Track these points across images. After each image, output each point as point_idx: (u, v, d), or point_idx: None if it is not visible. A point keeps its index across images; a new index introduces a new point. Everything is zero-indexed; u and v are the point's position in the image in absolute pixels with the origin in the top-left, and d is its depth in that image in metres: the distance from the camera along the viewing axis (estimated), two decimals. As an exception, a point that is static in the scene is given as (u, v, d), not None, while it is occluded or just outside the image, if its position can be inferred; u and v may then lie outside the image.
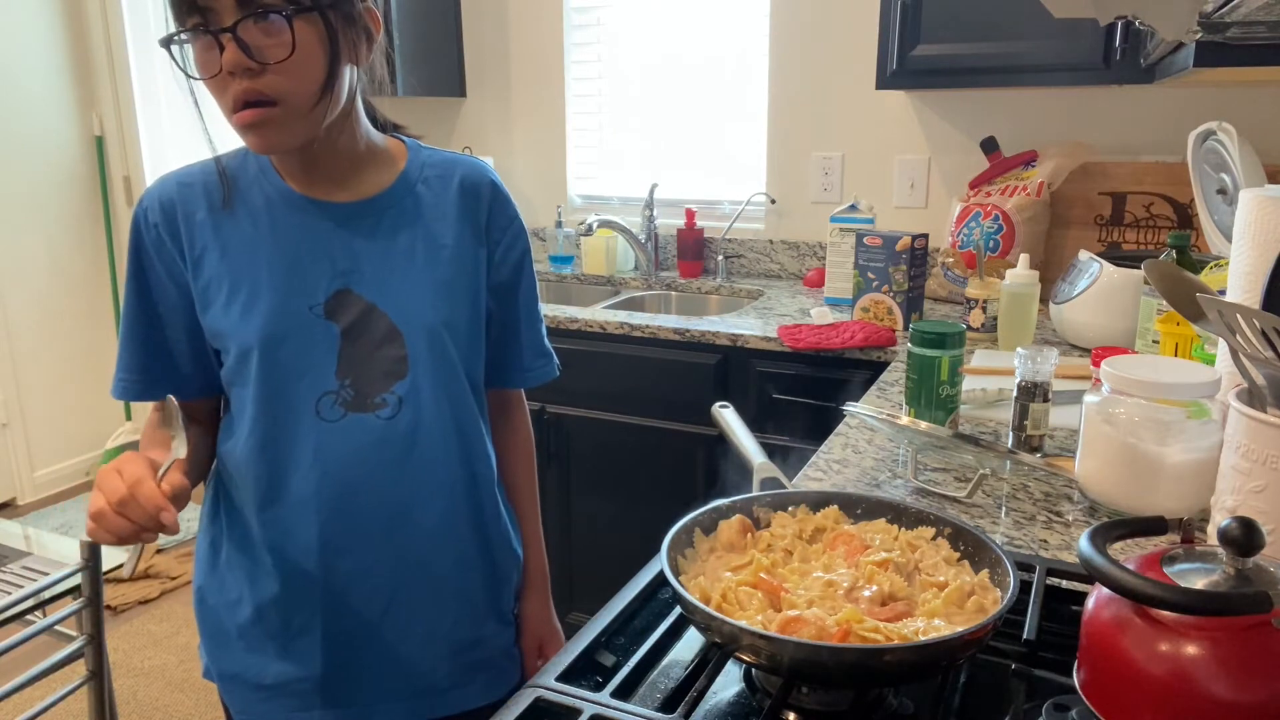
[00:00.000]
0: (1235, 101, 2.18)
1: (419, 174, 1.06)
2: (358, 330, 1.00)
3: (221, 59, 0.87)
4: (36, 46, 3.59)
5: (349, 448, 1.01)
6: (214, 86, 0.91)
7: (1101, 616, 0.65)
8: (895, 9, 2.13)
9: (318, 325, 0.99)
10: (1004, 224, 2.23)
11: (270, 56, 0.88)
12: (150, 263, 1.02)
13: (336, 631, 1.05)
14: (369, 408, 1.01)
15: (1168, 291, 1.03)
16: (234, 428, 1.04)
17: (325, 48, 0.91)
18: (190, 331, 1.03)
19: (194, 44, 0.90)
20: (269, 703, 1.07)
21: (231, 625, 1.07)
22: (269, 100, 0.90)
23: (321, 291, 1.00)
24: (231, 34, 0.87)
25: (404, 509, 1.05)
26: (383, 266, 1.02)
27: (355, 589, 1.05)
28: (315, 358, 0.99)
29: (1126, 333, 1.74)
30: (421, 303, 1.03)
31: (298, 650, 1.05)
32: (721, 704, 0.77)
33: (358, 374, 1.01)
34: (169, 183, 1.03)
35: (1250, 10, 0.98)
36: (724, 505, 0.91)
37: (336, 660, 1.06)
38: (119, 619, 2.86)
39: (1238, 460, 0.91)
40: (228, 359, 1.01)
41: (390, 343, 1.01)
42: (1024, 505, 1.16)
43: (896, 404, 1.59)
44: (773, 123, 2.69)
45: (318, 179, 1.02)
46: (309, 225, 1.01)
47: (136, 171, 3.84)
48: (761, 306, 2.38)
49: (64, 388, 3.81)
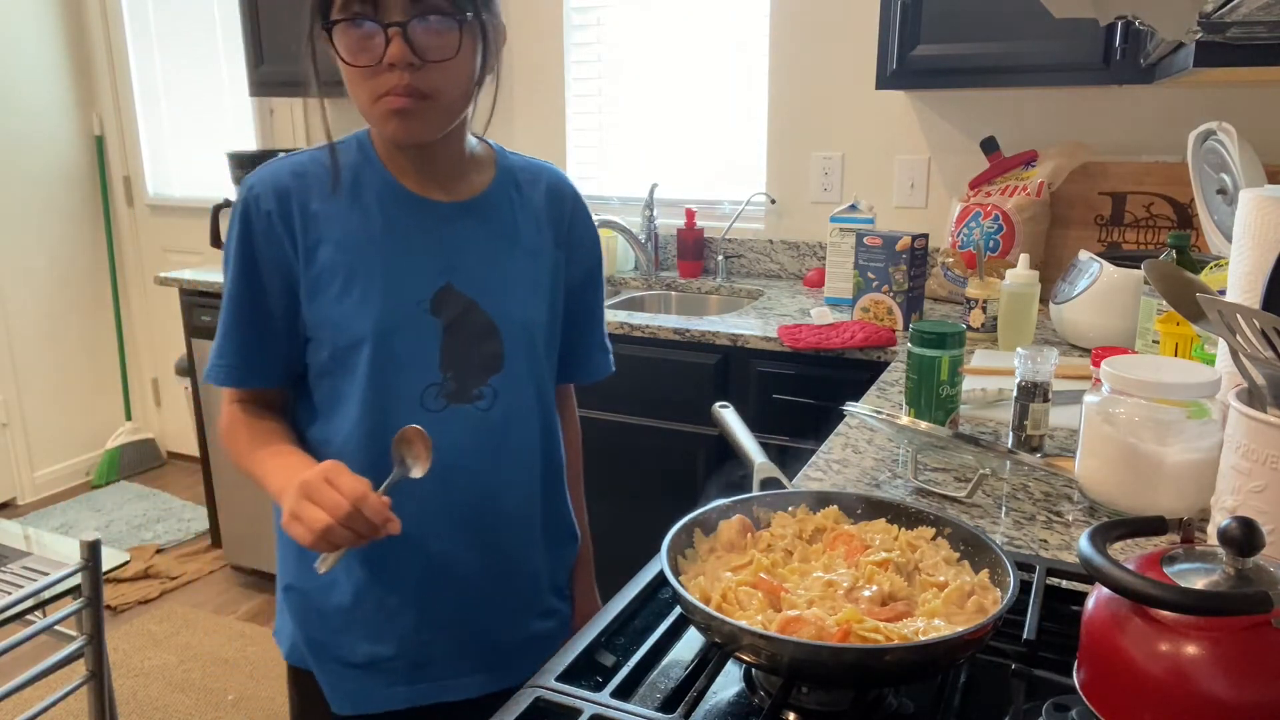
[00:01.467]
0: (1235, 101, 2.18)
1: (510, 177, 1.12)
2: (458, 325, 1.05)
3: (387, 50, 0.93)
4: (36, 46, 3.59)
5: (449, 437, 1.04)
6: (362, 74, 0.96)
7: (1101, 616, 0.65)
8: (895, 9, 2.13)
9: (424, 319, 1.04)
10: (1004, 224, 2.23)
11: (434, 55, 0.94)
12: (259, 249, 1.04)
13: (425, 611, 1.10)
14: (468, 399, 1.06)
15: (1168, 291, 1.03)
16: (332, 416, 1.07)
17: (478, 53, 0.99)
18: (288, 320, 1.06)
19: (351, 31, 0.94)
20: (358, 681, 1.11)
21: (325, 608, 1.11)
22: (423, 94, 0.95)
23: (427, 287, 1.04)
24: (402, 29, 0.92)
25: (492, 495, 1.10)
26: (481, 265, 1.07)
27: (445, 571, 1.09)
28: (421, 351, 1.04)
29: (1126, 333, 1.74)
30: (515, 300, 1.09)
31: (389, 631, 1.10)
32: (721, 704, 0.77)
33: (459, 367, 1.06)
34: (281, 170, 1.06)
35: (1250, 10, 0.98)
36: (724, 505, 0.91)
37: (422, 639, 1.11)
38: (119, 619, 2.86)
39: (1238, 460, 0.91)
40: (328, 349, 1.04)
41: (488, 338, 1.07)
42: (1024, 505, 1.16)
43: (896, 404, 1.59)
44: (773, 123, 2.69)
45: (429, 177, 1.07)
46: (418, 222, 1.05)
47: (136, 171, 3.84)
48: (761, 306, 2.38)
49: (64, 388, 3.81)
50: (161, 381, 4.04)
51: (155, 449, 4.07)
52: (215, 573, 3.14)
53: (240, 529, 2.98)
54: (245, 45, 2.94)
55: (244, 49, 2.95)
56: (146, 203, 3.86)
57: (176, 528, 3.43)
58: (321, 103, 1.04)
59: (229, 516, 2.99)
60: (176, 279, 2.87)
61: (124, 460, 3.92)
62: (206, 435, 2.95)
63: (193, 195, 3.71)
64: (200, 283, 2.80)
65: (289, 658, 1.17)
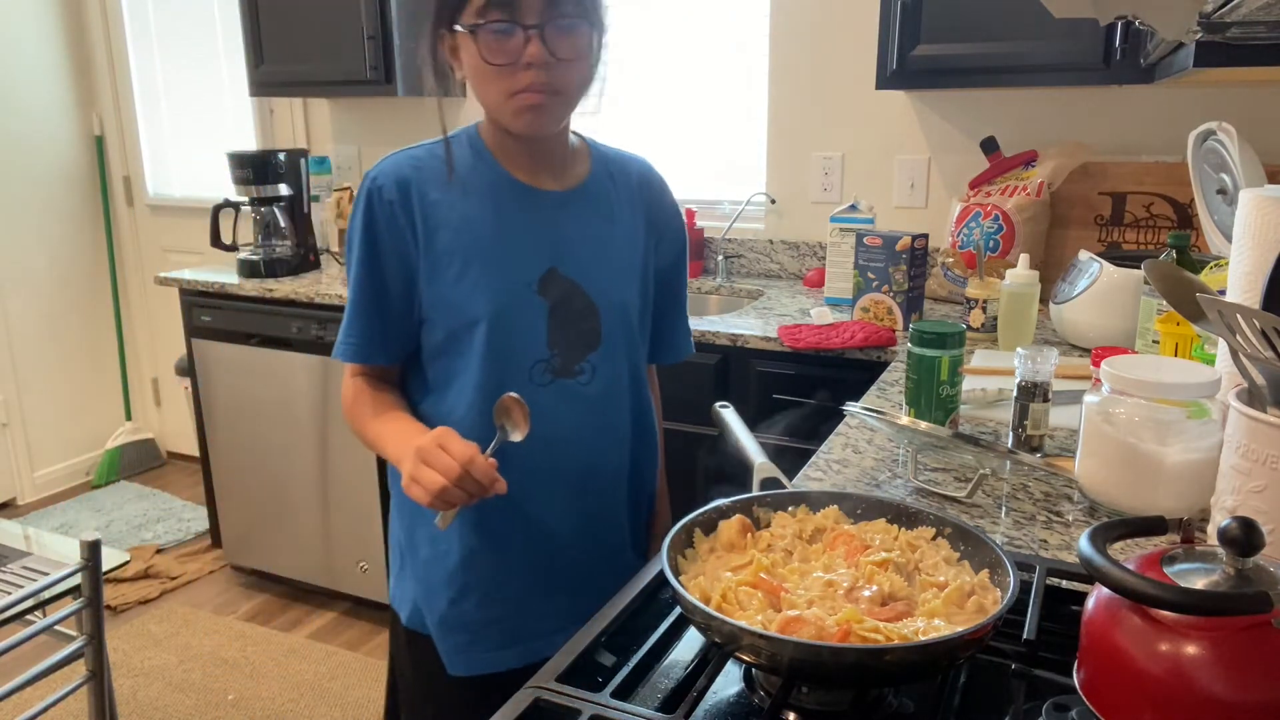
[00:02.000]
0: (1235, 101, 2.18)
1: (605, 167, 1.21)
2: (563, 305, 1.14)
3: (525, 50, 1.02)
4: (36, 46, 3.59)
5: (554, 409, 1.13)
6: (497, 72, 1.03)
7: (1101, 616, 0.65)
8: (895, 9, 2.13)
9: (533, 300, 1.13)
10: (1004, 224, 2.23)
11: (566, 54, 1.03)
12: (381, 236, 1.11)
13: (528, 574, 1.18)
14: (571, 374, 1.15)
15: (1168, 291, 1.03)
16: (446, 392, 1.15)
17: (596, 53, 1.09)
18: (407, 302, 1.14)
19: (492, 33, 1.02)
20: (471, 643, 1.18)
21: (441, 573, 1.18)
22: (555, 90, 1.05)
23: (535, 270, 1.13)
24: (540, 31, 1.01)
25: (591, 464, 1.19)
26: (583, 250, 1.16)
27: (546, 536, 1.18)
28: (530, 329, 1.13)
29: (1126, 333, 1.74)
30: (612, 283, 1.18)
31: (497, 593, 1.17)
32: (721, 704, 0.77)
33: (563, 344, 1.14)
34: (401, 163, 1.13)
35: (1250, 10, 0.98)
36: (724, 505, 0.91)
37: (529, 601, 1.19)
38: (119, 619, 2.86)
39: (1238, 460, 0.91)
40: (444, 330, 1.13)
41: (588, 317, 1.16)
42: (1024, 505, 1.16)
43: (896, 404, 1.59)
44: (773, 123, 2.69)
45: (540, 167, 1.15)
46: (527, 210, 1.14)
47: (136, 171, 3.84)
48: (761, 306, 2.38)
49: (64, 388, 3.81)
50: (161, 381, 4.04)
51: (155, 449, 4.07)
52: (215, 573, 3.14)
53: (240, 529, 2.98)
54: (245, 45, 2.94)
55: (244, 49, 2.95)
56: (146, 203, 3.86)
57: (176, 528, 3.43)
58: (439, 101, 1.13)
59: (229, 516, 2.99)
60: (176, 279, 2.87)
61: (124, 460, 3.92)
62: (206, 435, 2.95)
63: (193, 195, 3.71)
64: (200, 283, 2.80)
65: (408, 623, 1.23)
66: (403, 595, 1.24)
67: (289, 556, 2.90)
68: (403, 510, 1.23)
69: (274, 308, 2.68)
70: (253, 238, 2.90)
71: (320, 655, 2.65)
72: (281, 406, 2.75)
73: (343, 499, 2.73)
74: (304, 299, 2.61)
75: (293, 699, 2.46)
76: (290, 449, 2.78)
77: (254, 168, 2.77)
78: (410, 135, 3.63)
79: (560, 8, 1.02)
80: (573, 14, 1.03)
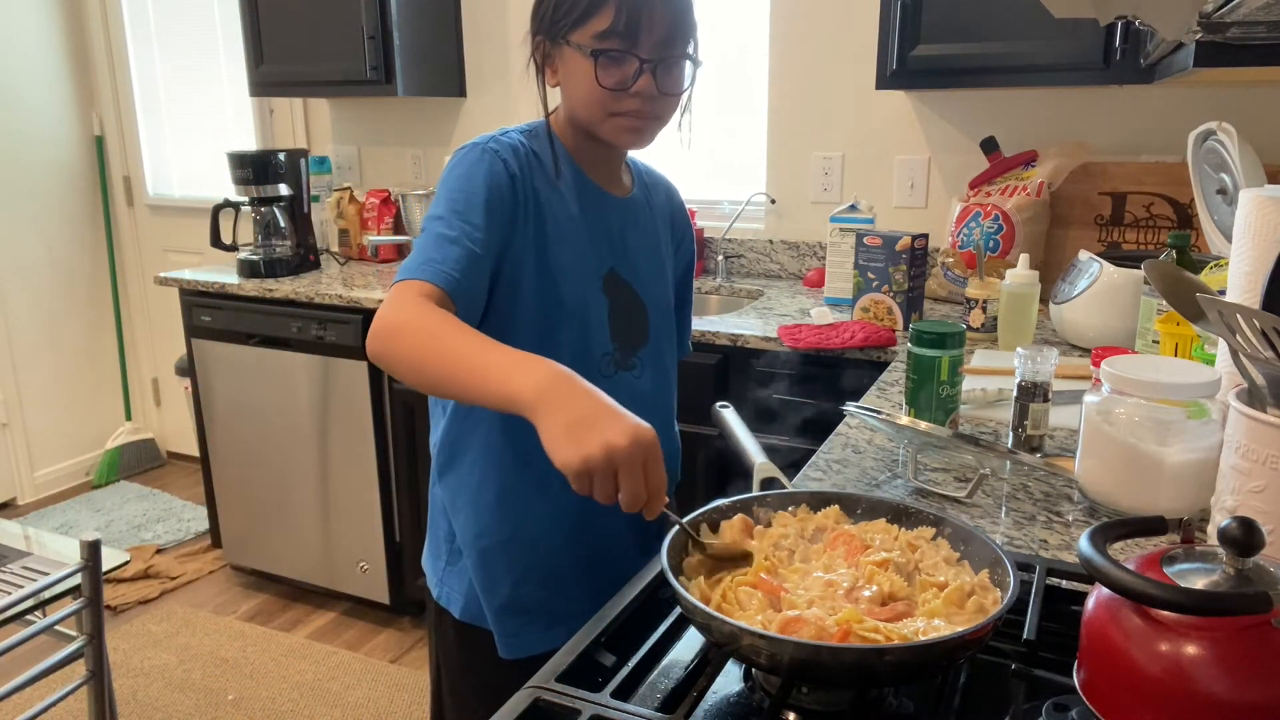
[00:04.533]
0: (1235, 101, 2.18)
1: (642, 180, 1.31)
2: (620, 304, 1.22)
3: (636, 81, 1.10)
4: (36, 46, 3.59)
5: (616, 399, 1.12)
6: (607, 95, 1.10)
7: (1101, 616, 0.65)
8: (895, 9, 2.13)
9: (599, 296, 1.20)
10: (1004, 224, 2.23)
11: (671, 89, 1.14)
12: (495, 191, 1.10)
13: (578, 555, 1.22)
14: (628, 367, 1.24)
15: (1168, 291, 1.03)
16: None
17: (691, 85, 1.19)
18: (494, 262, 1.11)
19: (607, 59, 1.09)
20: (526, 627, 1.21)
21: (503, 561, 1.20)
22: (655, 117, 1.15)
23: (601, 267, 1.20)
24: (652, 67, 1.10)
25: None
26: (636, 253, 1.25)
27: (601, 522, 1.20)
28: (598, 323, 1.19)
29: (1126, 333, 1.74)
30: (656, 285, 1.27)
31: (551, 575, 1.21)
32: (721, 704, 0.77)
33: (622, 339, 1.22)
34: (515, 141, 1.16)
35: (1250, 10, 0.98)
36: (724, 505, 0.91)
37: (575, 581, 1.22)
38: (119, 619, 2.86)
39: (1238, 460, 0.91)
40: (536, 310, 1.14)
41: (639, 316, 1.24)
42: (1024, 505, 1.16)
43: (896, 404, 1.59)
44: (773, 123, 2.69)
45: (609, 174, 1.24)
46: (601, 211, 1.21)
47: (136, 171, 3.84)
48: (761, 306, 2.38)
49: (64, 388, 3.81)
50: (161, 381, 4.04)
51: (155, 449, 4.07)
52: (215, 573, 3.14)
53: (240, 529, 2.98)
54: (245, 45, 2.94)
55: (244, 49, 2.95)
56: (146, 203, 3.86)
57: (176, 528, 3.43)
58: (543, 94, 1.17)
59: (229, 516, 2.99)
60: (176, 279, 2.87)
61: (124, 460, 3.92)
62: (206, 435, 2.95)
63: (193, 195, 3.71)
64: (200, 283, 2.80)
65: (462, 616, 1.24)
66: (453, 591, 1.25)
67: (289, 556, 2.90)
68: (458, 502, 1.21)
69: (274, 308, 2.68)
70: (253, 238, 2.90)
71: (320, 655, 2.65)
72: (281, 406, 2.75)
73: (343, 499, 2.73)
74: (304, 299, 2.61)
75: (293, 699, 2.46)
76: (290, 449, 2.78)
77: (254, 168, 2.77)
78: (410, 135, 3.61)
79: (674, 47, 1.11)
80: (682, 53, 1.13)
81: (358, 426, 2.64)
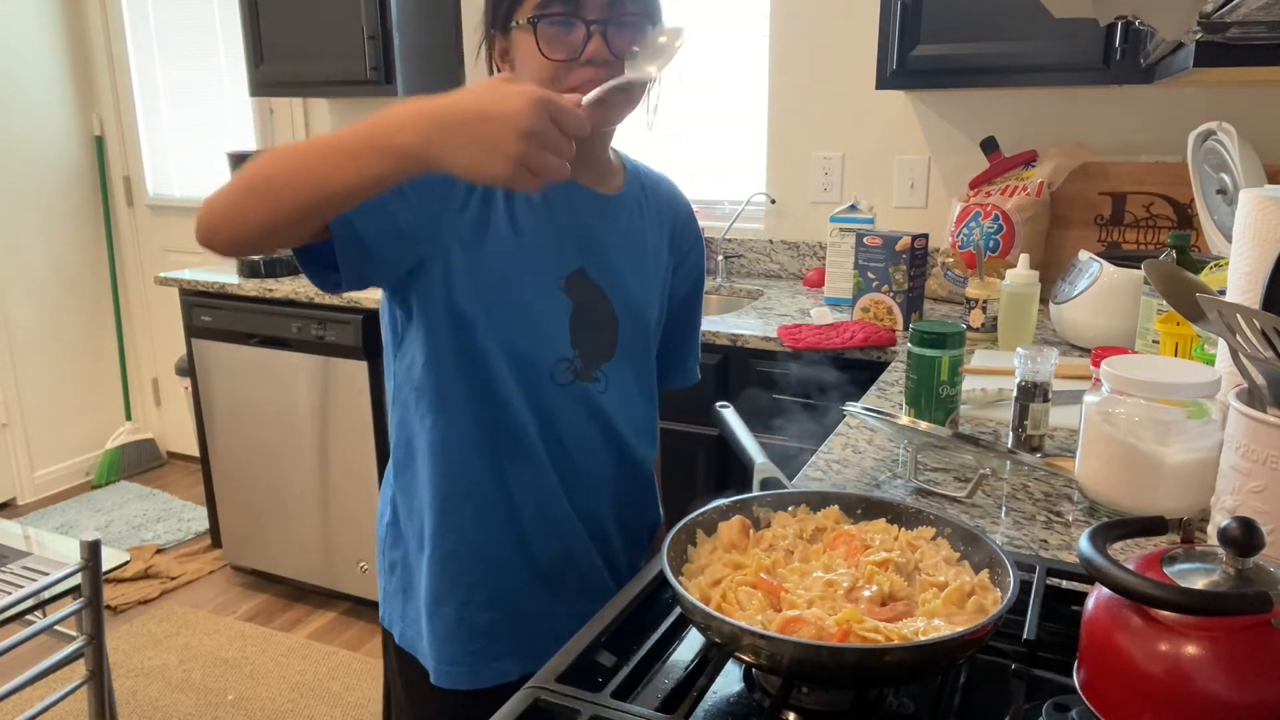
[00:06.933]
0: (1235, 101, 2.18)
1: (638, 181, 1.19)
2: (585, 309, 1.10)
3: (585, 47, 0.99)
4: (36, 46, 3.59)
5: (573, 411, 1.11)
6: (556, 68, 1.00)
7: (1101, 616, 0.65)
8: (895, 9, 2.13)
9: (558, 296, 1.09)
10: (1004, 224, 2.23)
11: (625, 53, 0.99)
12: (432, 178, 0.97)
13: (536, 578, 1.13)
14: (590, 379, 1.12)
15: (1168, 291, 1.03)
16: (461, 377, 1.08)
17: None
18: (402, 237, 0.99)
19: (554, 28, 0.99)
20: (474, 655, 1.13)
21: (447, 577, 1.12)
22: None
23: (565, 267, 1.09)
24: (602, 27, 0.99)
25: (596, 471, 1.15)
26: (614, 257, 1.13)
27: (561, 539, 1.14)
28: (554, 325, 1.09)
29: (1126, 333, 1.74)
30: (635, 295, 1.15)
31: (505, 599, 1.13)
32: (721, 704, 0.77)
33: (584, 347, 1.11)
34: None
35: (1250, 10, 0.98)
36: (724, 505, 0.91)
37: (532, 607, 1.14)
38: (119, 619, 2.86)
39: (1238, 460, 0.91)
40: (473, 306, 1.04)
41: (607, 326, 1.13)
42: (1024, 505, 1.16)
43: (896, 404, 1.59)
44: (773, 123, 2.68)
45: (585, 168, 1.10)
46: (572, 204, 1.10)
47: (136, 171, 3.84)
48: (761, 306, 2.38)
49: (64, 388, 3.81)
50: (161, 381, 4.04)
51: (155, 449, 4.06)
52: (215, 573, 3.14)
53: (240, 529, 2.98)
54: (245, 45, 2.94)
55: (244, 49, 2.95)
56: (146, 203, 3.86)
57: (176, 528, 3.43)
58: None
59: (229, 516, 2.99)
60: (176, 279, 2.87)
61: (124, 460, 3.92)
62: (206, 435, 2.95)
63: (193, 195, 3.71)
64: (200, 283, 2.80)
65: (400, 642, 1.18)
66: (392, 613, 1.18)
67: (289, 556, 2.90)
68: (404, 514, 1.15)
69: (274, 308, 2.68)
70: (253, 238, 2.89)
71: (320, 655, 2.65)
72: (281, 406, 2.75)
73: (343, 499, 2.73)
74: (304, 299, 2.61)
75: (293, 699, 2.46)
76: (290, 449, 2.78)
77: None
78: (410, 135, 3.56)
79: (623, 4, 1.00)
80: (636, 12, 1.01)
81: (358, 427, 2.64)
